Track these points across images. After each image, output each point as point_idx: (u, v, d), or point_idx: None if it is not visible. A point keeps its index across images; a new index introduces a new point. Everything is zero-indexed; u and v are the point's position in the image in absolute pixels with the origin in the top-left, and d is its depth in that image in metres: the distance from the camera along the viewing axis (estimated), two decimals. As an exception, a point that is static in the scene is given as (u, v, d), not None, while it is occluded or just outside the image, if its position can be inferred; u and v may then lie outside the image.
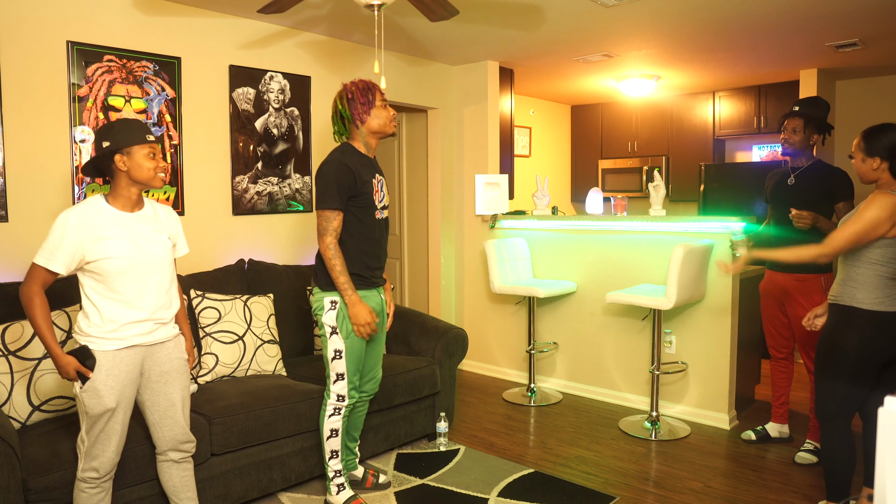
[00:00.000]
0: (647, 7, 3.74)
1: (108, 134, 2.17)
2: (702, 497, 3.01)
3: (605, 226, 4.36)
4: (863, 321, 2.45)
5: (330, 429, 2.79)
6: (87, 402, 2.13)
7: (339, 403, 2.77)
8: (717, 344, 3.91)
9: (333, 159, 2.66)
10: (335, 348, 2.71)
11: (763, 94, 6.03)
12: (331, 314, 2.68)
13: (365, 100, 2.68)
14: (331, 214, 2.62)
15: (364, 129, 2.71)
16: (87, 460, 2.19)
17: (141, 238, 2.21)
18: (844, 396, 2.50)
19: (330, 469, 2.82)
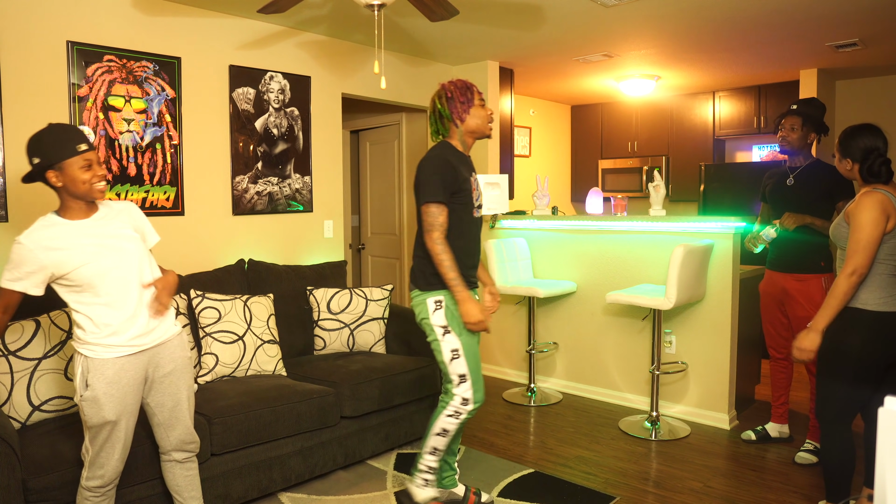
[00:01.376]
0: (647, 7, 3.74)
1: (38, 148, 2.04)
2: (702, 497, 3.01)
3: (605, 226, 4.36)
4: (867, 322, 2.44)
5: (442, 427, 2.65)
6: (87, 411, 2.08)
7: (463, 407, 2.61)
8: (717, 344, 3.91)
9: (435, 155, 2.61)
10: (451, 348, 2.59)
11: (763, 94, 6.04)
12: (439, 314, 2.60)
13: (465, 98, 2.63)
14: (437, 209, 2.53)
15: (462, 128, 2.66)
16: (92, 469, 2.16)
17: (106, 238, 2.14)
18: (846, 398, 2.50)
19: (424, 462, 2.70)
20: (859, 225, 2.42)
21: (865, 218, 2.41)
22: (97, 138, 3.28)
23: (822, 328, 2.45)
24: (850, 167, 2.57)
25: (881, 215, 2.40)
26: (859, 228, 2.42)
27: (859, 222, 2.42)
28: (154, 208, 3.50)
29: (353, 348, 3.71)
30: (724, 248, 3.84)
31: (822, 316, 2.46)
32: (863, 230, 2.41)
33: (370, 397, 3.21)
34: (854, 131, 2.58)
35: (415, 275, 2.67)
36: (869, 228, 2.40)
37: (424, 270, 2.63)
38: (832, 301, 2.44)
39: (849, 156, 2.57)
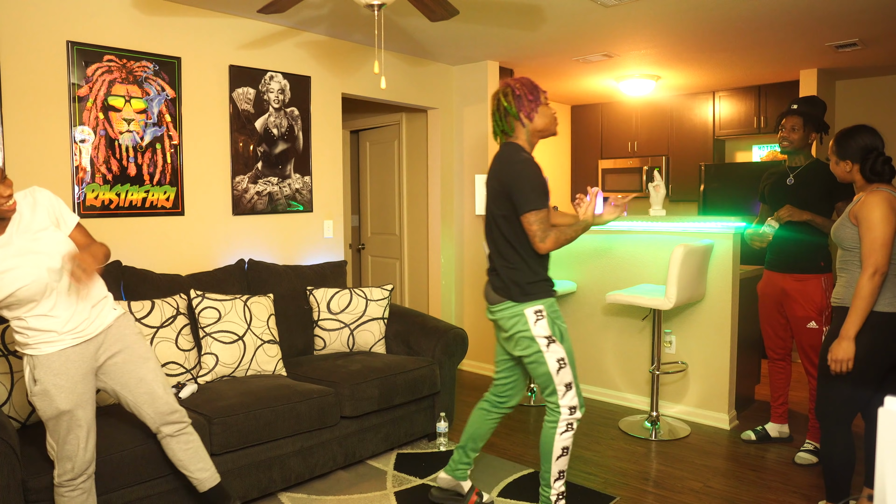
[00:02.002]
0: (647, 7, 3.74)
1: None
2: (702, 497, 3.01)
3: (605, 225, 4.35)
4: (873, 323, 2.42)
5: (562, 447, 2.53)
6: (39, 405, 2.10)
7: (572, 417, 2.54)
8: (717, 344, 3.91)
9: (526, 159, 2.50)
10: (557, 357, 2.51)
11: (763, 94, 6.03)
12: (541, 324, 2.50)
13: (533, 97, 2.55)
14: (544, 214, 2.46)
15: (530, 127, 2.58)
16: (61, 463, 2.16)
17: (29, 254, 2.07)
18: (847, 399, 2.49)
19: (553, 492, 2.58)
20: (872, 224, 2.40)
21: (876, 216, 2.39)
22: (97, 138, 3.28)
23: (853, 335, 2.41)
24: (850, 168, 2.56)
25: (891, 212, 2.39)
26: (872, 227, 2.39)
27: (871, 221, 2.40)
28: (154, 208, 3.50)
29: (353, 348, 3.71)
30: (724, 248, 3.84)
31: (852, 322, 2.41)
32: (876, 228, 2.39)
33: (370, 397, 3.21)
34: (850, 132, 2.58)
35: (506, 286, 2.54)
36: (882, 226, 2.38)
37: (520, 281, 2.52)
38: (859, 304, 2.40)
39: (848, 157, 2.56)
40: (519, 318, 2.52)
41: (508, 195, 2.49)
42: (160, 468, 2.50)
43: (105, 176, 3.32)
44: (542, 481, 2.62)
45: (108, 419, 2.57)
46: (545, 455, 2.58)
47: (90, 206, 3.28)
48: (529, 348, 2.53)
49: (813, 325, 3.32)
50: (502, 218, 2.53)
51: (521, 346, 2.54)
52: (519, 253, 2.52)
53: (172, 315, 3.08)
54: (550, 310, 2.55)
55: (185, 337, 3.10)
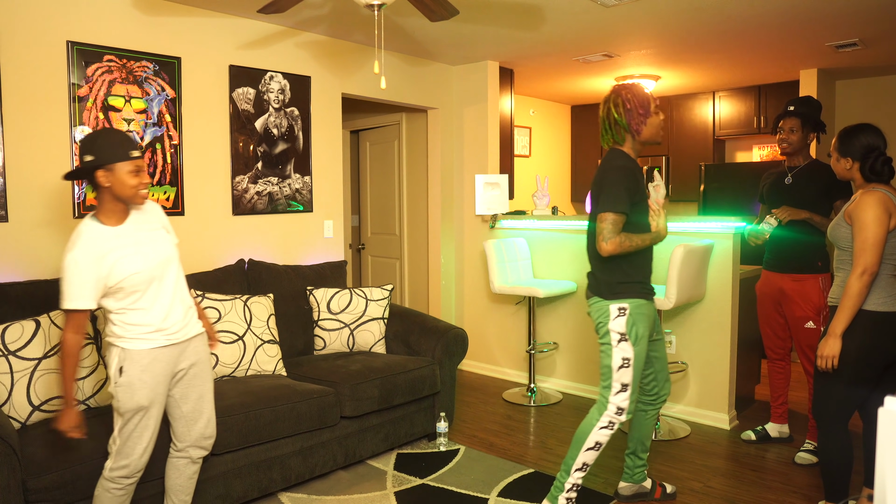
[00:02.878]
0: (647, 7, 3.74)
1: (92, 147, 2.10)
2: (702, 497, 3.01)
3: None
4: (866, 322, 2.43)
5: (596, 441, 2.63)
6: (121, 396, 2.15)
7: (617, 417, 2.63)
8: (717, 344, 3.91)
9: (619, 165, 2.60)
10: (623, 356, 2.60)
11: (763, 94, 6.03)
12: (619, 320, 2.60)
13: (644, 111, 2.62)
14: (619, 219, 2.54)
15: (638, 138, 2.67)
16: (118, 459, 2.21)
17: (145, 245, 2.21)
18: (844, 398, 2.49)
19: (570, 480, 2.66)
20: (864, 224, 2.41)
21: (869, 216, 2.40)
22: (97, 138, 3.28)
23: (840, 332, 2.44)
24: (850, 166, 2.57)
25: (884, 213, 2.40)
26: (864, 227, 2.41)
27: (863, 221, 2.41)
28: (154, 208, 3.50)
29: (353, 348, 3.71)
30: (724, 248, 3.84)
31: (839, 320, 2.44)
32: (868, 229, 2.40)
33: (370, 397, 3.21)
34: (854, 130, 2.58)
35: (598, 285, 2.67)
36: (874, 227, 2.39)
37: (609, 280, 2.63)
38: (847, 303, 2.43)
39: (849, 155, 2.56)
40: (603, 312, 2.65)
41: (597, 197, 2.61)
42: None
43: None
44: (563, 466, 2.70)
45: (109, 418, 2.57)
46: (577, 442, 2.67)
47: (90, 206, 3.28)
48: (604, 338, 2.66)
49: (811, 324, 3.32)
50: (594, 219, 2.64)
51: (599, 334, 2.68)
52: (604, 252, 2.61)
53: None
54: (636, 311, 2.61)
55: (185, 337, 3.10)
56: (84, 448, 2.35)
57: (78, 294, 2.07)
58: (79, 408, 2.18)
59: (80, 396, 2.67)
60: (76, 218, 3.23)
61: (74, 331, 2.11)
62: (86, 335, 2.76)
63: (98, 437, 2.42)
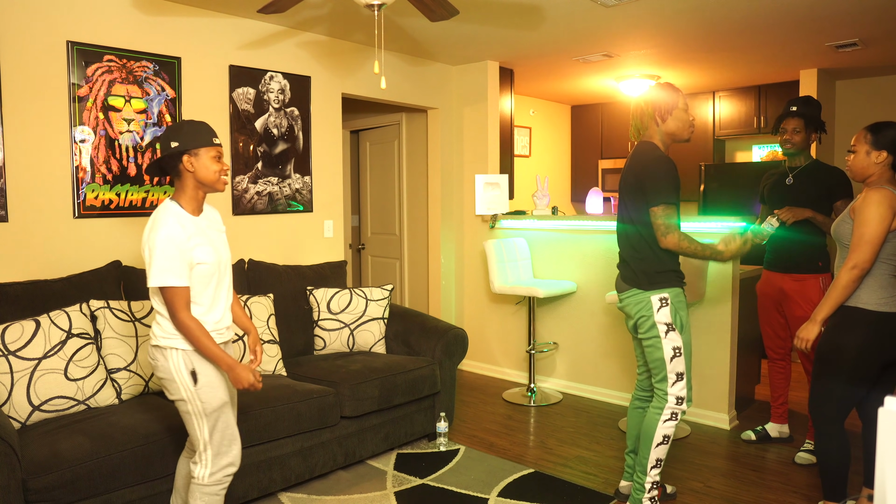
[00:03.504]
0: (647, 7, 3.74)
1: (177, 134, 2.15)
2: (702, 497, 3.01)
3: (605, 226, 4.36)
4: (866, 322, 2.44)
5: (663, 435, 2.64)
6: (205, 397, 2.15)
7: (678, 407, 2.63)
8: (717, 344, 3.91)
9: (662, 156, 2.60)
10: (674, 346, 2.61)
11: (763, 94, 6.03)
12: (664, 311, 2.61)
13: (670, 103, 2.65)
14: (672, 210, 2.55)
15: (662, 128, 2.68)
16: (218, 461, 2.20)
17: (214, 241, 2.23)
18: (843, 397, 2.50)
19: (649, 479, 2.67)
20: (865, 220, 2.42)
21: (872, 213, 2.40)
22: (97, 138, 3.28)
23: (821, 319, 2.51)
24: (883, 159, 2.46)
25: (888, 212, 2.40)
26: (865, 223, 2.42)
27: (865, 217, 2.42)
28: (154, 208, 3.50)
29: (353, 348, 3.71)
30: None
31: (823, 308, 2.50)
32: (868, 225, 2.41)
33: (370, 397, 3.22)
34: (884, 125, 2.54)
35: (635, 275, 2.66)
36: (874, 224, 2.40)
37: (647, 270, 2.63)
38: (832, 293, 2.48)
39: (883, 147, 2.49)
40: (644, 304, 2.63)
41: (642, 189, 2.59)
42: (160, 468, 2.50)
43: (105, 176, 3.32)
44: (639, 467, 2.71)
45: (109, 418, 2.58)
46: (646, 441, 2.67)
47: (90, 206, 3.28)
48: (650, 332, 2.64)
49: (812, 324, 3.32)
50: (635, 211, 2.64)
51: (643, 329, 2.66)
52: (648, 244, 2.62)
53: None
54: (676, 299, 2.64)
55: (185, 337, 3.10)
56: (84, 448, 2.35)
57: (178, 270, 2.06)
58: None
59: (79, 396, 2.67)
60: (76, 218, 3.23)
61: (187, 308, 2.08)
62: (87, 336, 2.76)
63: (97, 437, 2.42)
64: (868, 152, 2.55)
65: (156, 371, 2.18)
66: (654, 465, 2.67)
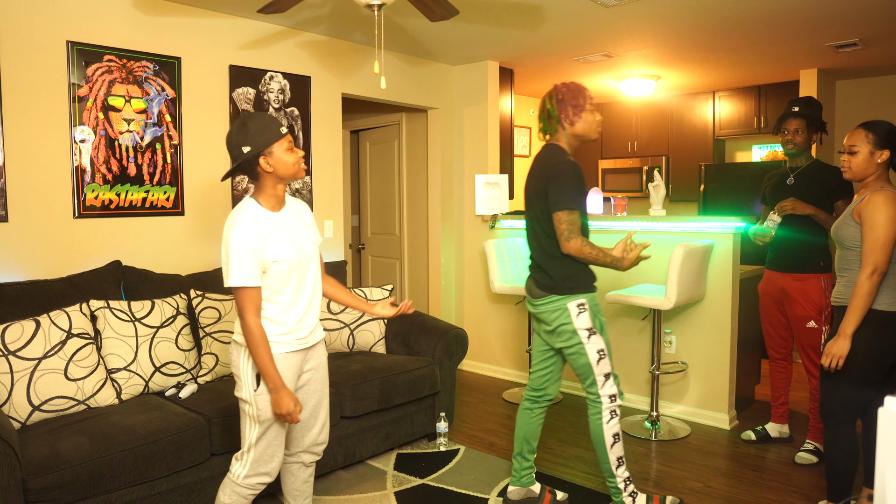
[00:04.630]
0: (647, 7, 3.74)
1: (246, 137, 2.06)
2: (702, 497, 3.01)
3: (605, 226, 4.36)
4: (876, 323, 2.42)
5: (613, 434, 2.66)
6: (262, 405, 2.11)
7: (613, 405, 2.67)
8: (717, 344, 3.91)
9: (566, 161, 2.59)
10: (598, 349, 2.63)
11: (763, 94, 6.04)
12: (583, 317, 2.62)
13: (576, 103, 2.63)
14: (575, 216, 2.54)
15: (570, 130, 2.66)
16: (255, 467, 2.17)
17: (296, 236, 2.17)
18: (851, 398, 2.48)
19: (619, 479, 2.70)
20: (876, 223, 2.39)
21: (883, 216, 2.38)
22: (97, 138, 3.28)
23: (850, 332, 2.42)
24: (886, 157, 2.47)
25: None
26: (877, 226, 2.38)
27: (876, 220, 2.39)
28: (154, 208, 3.50)
29: (353, 348, 3.71)
30: (724, 248, 3.84)
31: (850, 320, 2.42)
32: (880, 227, 2.38)
33: (370, 397, 3.21)
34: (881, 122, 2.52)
35: (551, 281, 2.64)
36: (886, 226, 2.37)
37: (563, 275, 2.62)
38: (857, 302, 2.40)
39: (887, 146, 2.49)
40: (562, 312, 2.62)
41: (546, 194, 2.57)
42: (160, 468, 2.50)
43: (105, 176, 3.32)
44: (605, 473, 2.72)
45: (109, 418, 2.58)
46: (599, 447, 2.69)
47: (90, 206, 3.28)
48: (571, 340, 2.63)
49: (812, 324, 3.32)
50: (543, 215, 2.61)
51: (563, 338, 2.65)
52: (560, 250, 2.60)
53: (172, 315, 3.08)
54: (592, 303, 2.65)
55: (185, 337, 3.10)
56: (84, 448, 2.35)
57: (244, 270, 2.01)
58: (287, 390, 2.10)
59: (79, 396, 2.67)
60: (76, 218, 3.23)
61: (254, 313, 2.04)
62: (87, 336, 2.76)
63: (97, 437, 2.42)
64: (871, 152, 2.53)
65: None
66: (617, 465, 2.69)
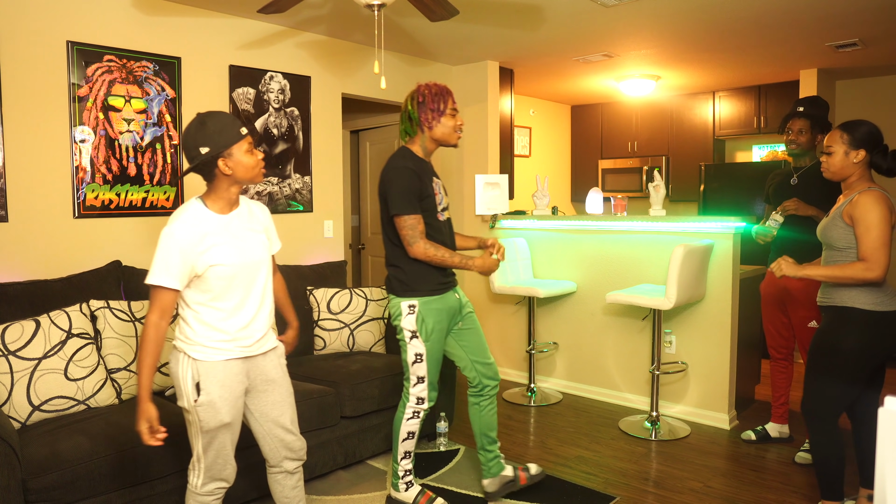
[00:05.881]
0: (647, 7, 3.74)
1: (204, 137, 1.97)
2: (702, 497, 3.01)
3: (605, 226, 4.36)
4: (861, 322, 2.43)
5: (408, 431, 2.78)
6: (203, 416, 2.04)
7: (418, 406, 2.77)
8: (717, 344, 3.91)
9: (398, 165, 2.63)
10: (416, 352, 2.70)
11: (763, 94, 6.04)
12: (409, 318, 2.68)
13: (435, 106, 2.64)
14: (413, 220, 2.59)
15: (428, 134, 2.68)
16: (209, 476, 2.13)
17: (242, 241, 2.10)
18: (838, 397, 2.49)
19: (401, 468, 2.83)
20: (871, 224, 2.39)
21: (874, 216, 2.38)
22: (97, 138, 3.29)
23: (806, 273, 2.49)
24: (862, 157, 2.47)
25: (887, 210, 2.40)
26: (872, 227, 2.38)
27: (870, 221, 2.38)
28: (154, 208, 3.50)
29: (353, 348, 3.71)
30: (724, 248, 3.84)
31: (818, 270, 2.48)
32: (875, 228, 2.38)
33: (370, 397, 3.21)
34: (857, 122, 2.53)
35: (391, 282, 2.74)
36: (882, 226, 2.38)
37: (400, 277, 2.69)
38: (837, 272, 2.43)
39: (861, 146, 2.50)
40: (395, 309, 2.72)
41: (384, 198, 2.65)
42: (160, 468, 2.50)
43: (105, 176, 3.32)
44: (393, 456, 2.86)
45: (109, 418, 2.58)
46: (395, 435, 2.82)
47: (90, 206, 3.28)
48: (399, 335, 2.74)
49: (814, 324, 3.32)
50: (386, 219, 2.70)
51: (397, 330, 2.75)
52: (401, 251, 2.67)
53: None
54: (425, 307, 2.67)
55: (185, 337, 3.10)
56: (84, 448, 2.35)
57: (165, 270, 1.94)
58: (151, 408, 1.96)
59: (79, 396, 2.67)
60: (76, 218, 3.23)
61: (159, 314, 1.96)
62: (87, 336, 2.75)
63: (97, 437, 2.42)
64: (847, 152, 2.55)
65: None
66: (403, 457, 2.81)
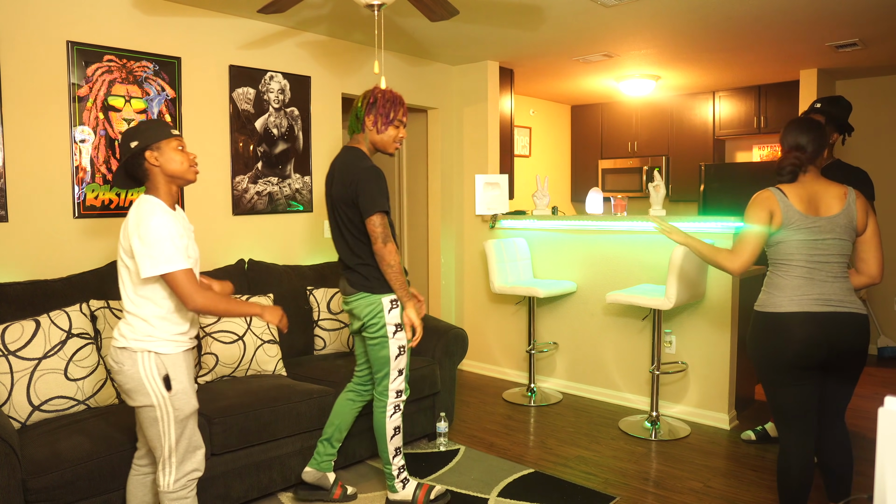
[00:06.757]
0: (647, 7, 3.74)
1: (135, 134, 2.12)
2: (702, 497, 3.01)
3: (605, 226, 4.36)
4: (754, 322, 2.41)
5: (393, 427, 2.79)
6: (178, 405, 2.10)
7: (398, 400, 2.79)
8: (717, 344, 3.91)
9: (368, 165, 2.64)
10: (400, 345, 2.73)
11: (763, 94, 6.03)
12: (394, 313, 2.71)
13: (384, 112, 2.68)
14: (386, 219, 2.62)
15: (369, 136, 2.73)
16: (185, 466, 2.15)
17: (191, 238, 2.21)
18: (783, 404, 2.37)
19: (395, 467, 2.83)
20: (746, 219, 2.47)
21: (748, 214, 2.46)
22: (97, 138, 3.28)
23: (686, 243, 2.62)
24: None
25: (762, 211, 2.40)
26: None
27: None
28: (154, 208, 3.50)
29: (354, 348, 3.71)
30: (724, 248, 3.84)
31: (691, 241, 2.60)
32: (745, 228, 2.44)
33: (370, 397, 3.21)
34: None
35: (366, 280, 2.70)
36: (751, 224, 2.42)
37: (374, 275, 2.69)
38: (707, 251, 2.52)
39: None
40: (375, 306, 2.70)
41: (355, 200, 2.62)
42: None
43: (105, 176, 3.32)
44: (383, 460, 2.84)
45: (109, 418, 2.58)
46: (380, 438, 2.81)
47: (90, 206, 3.28)
48: (378, 333, 2.72)
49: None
50: (353, 220, 2.66)
51: (371, 330, 2.73)
52: (371, 251, 2.67)
53: None
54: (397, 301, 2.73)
55: (185, 337, 3.10)
56: (84, 448, 2.35)
57: (183, 253, 2.04)
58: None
59: (79, 396, 2.67)
60: (76, 218, 3.23)
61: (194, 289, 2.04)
62: (87, 336, 2.75)
63: (97, 437, 2.42)
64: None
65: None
66: (394, 455, 2.82)
